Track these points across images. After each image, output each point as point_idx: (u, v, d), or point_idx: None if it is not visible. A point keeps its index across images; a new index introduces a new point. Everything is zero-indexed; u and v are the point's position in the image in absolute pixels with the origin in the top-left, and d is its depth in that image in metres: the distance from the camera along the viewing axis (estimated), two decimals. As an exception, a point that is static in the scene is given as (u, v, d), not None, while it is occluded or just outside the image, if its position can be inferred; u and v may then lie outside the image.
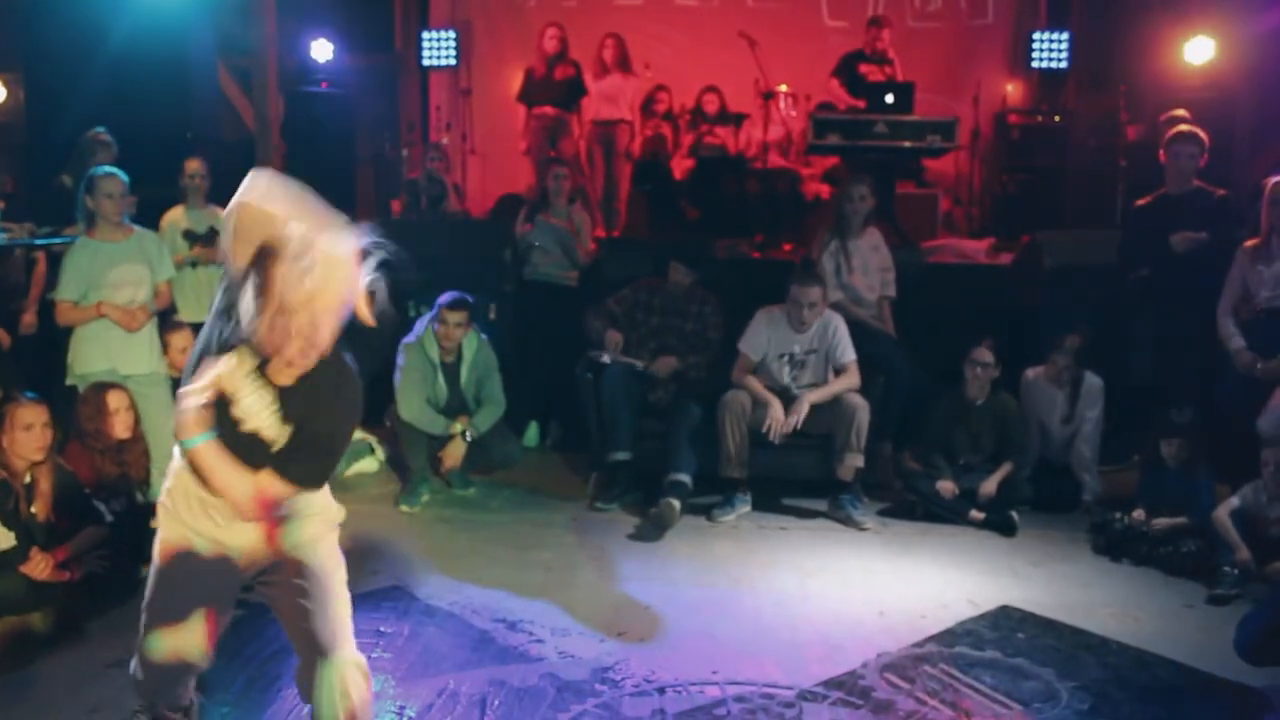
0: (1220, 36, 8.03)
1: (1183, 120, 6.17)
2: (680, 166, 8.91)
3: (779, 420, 5.36)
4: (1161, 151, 5.80)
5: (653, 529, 5.20)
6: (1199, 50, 8.09)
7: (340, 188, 8.68)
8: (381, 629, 4.05)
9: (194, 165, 6.34)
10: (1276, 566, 4.53)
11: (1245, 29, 7.91)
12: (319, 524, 2.85)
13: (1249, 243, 5.20)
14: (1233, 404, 5.24)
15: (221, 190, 6.58)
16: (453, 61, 9.70)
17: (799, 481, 5.70)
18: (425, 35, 9.73)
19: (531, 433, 6.75)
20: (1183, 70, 8.19)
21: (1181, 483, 4.99)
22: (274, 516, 2.67)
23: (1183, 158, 5.64)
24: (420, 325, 5.77)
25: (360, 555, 4.92)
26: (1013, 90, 9.95)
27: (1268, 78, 7.71)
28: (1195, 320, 5.47)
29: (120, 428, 4.72)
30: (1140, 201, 5.98)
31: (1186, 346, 5.64)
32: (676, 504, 5.31)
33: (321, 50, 8.97)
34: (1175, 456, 5.02)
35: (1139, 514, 5.01)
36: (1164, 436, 5.05)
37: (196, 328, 5.57)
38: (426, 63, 9.71)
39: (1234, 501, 4.72)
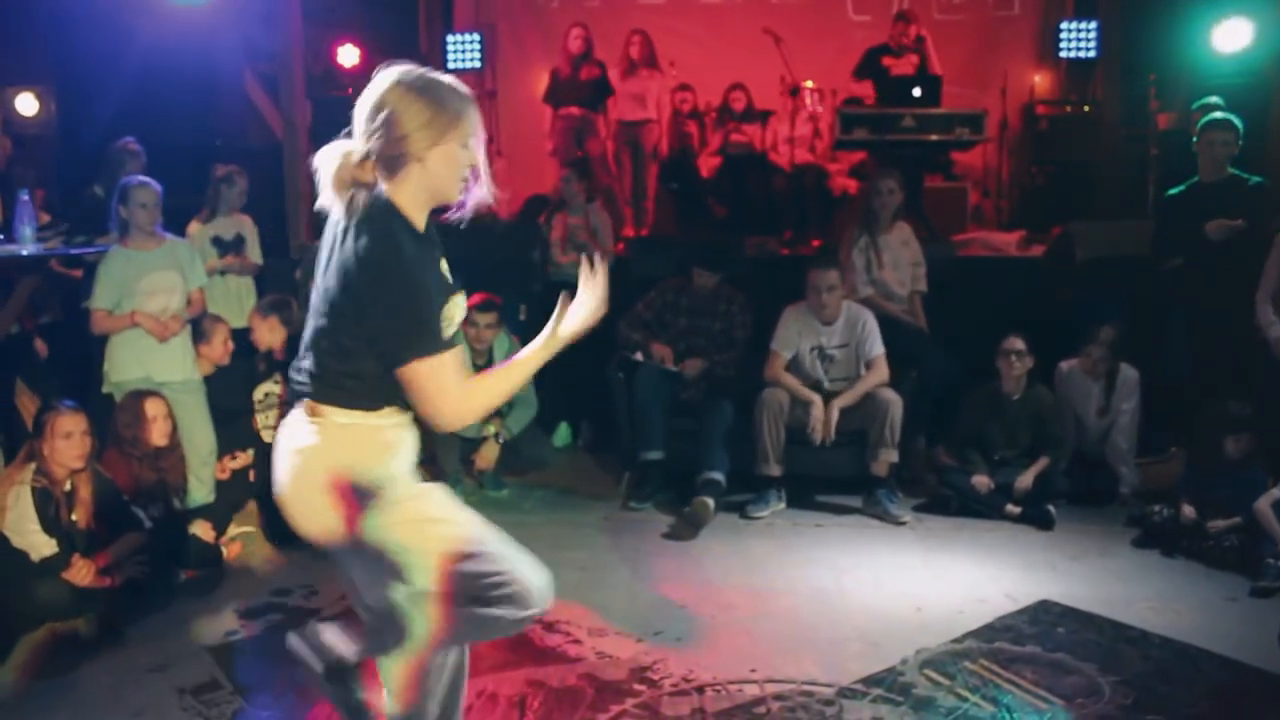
0: (1254, 20, 7.92)
1: (1216, 107, 6.11)
2: (707, 165, 8.89)
3: (821, 420, 5.35)
4: (1194, 139, 5.75)
5: (687, 527, 5.20)
6: (1231, 35, 7.98)
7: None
8: (419, 631, 4.06)
9: (227, 171, 6.39)
10: (1320, 556, 4.48)
11: (1278, 13, 7.80)
12: None
13: (1286, 230, 5.14)
14: (1274, 393, 5.17)
15: (251, 197, 6.65)
16: (478, 64, 9.73)
17: (833, 478, 5.68)
18: (450, 38, 9.77)
19: (563, 433, 6.76)
20: (1214, 56, 8.09)
21: (1233, 478, 4.90)
22: None
23: (1216, 145, 5.58)
24: (451, 327, 5.77)
25: (395, 558, 4.95)
26: (1040, 81, 9.87)
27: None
28: (1231, 309, 5.40)
29: (158, 435, 4.77)
30: (1173, 191, 5.92)
31: (1222, 336, 5.58)
32: (710, 502, 5.30)
33: (348, 55, 9.01)
34: (1241, 451, 4.94)
35: (1189, 511, 4.93)
36: (1230, 432, 4.94)
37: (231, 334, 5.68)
38: (452, 65, 9.72)
39: (1275, 492, 4.66)
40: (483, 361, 5.74)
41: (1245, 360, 5.41)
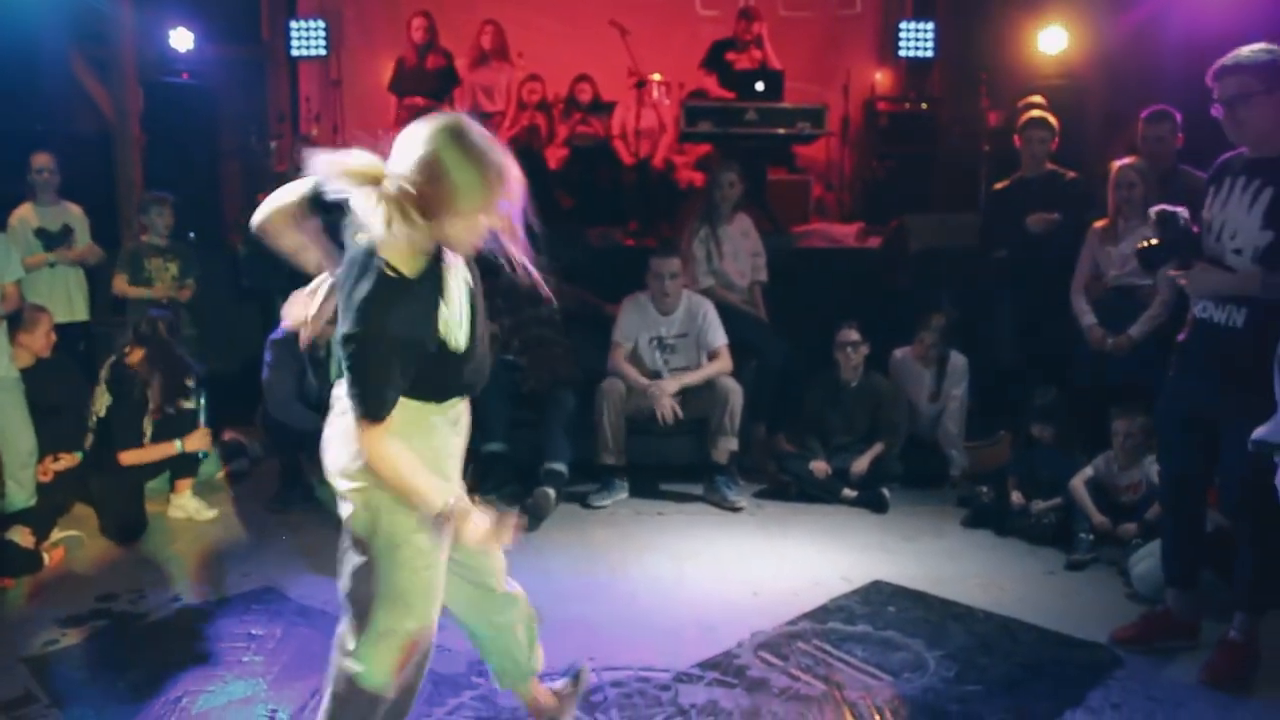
0: (1072, 27, 8.32)
1: (1037, 106, 6.39)
2: (555, 156, 8.88)
3: (663, 398, 5.40)
4: (1016, 137, 6.01)
5: (529, 519, 5.19)
6: (1053, 40, 8.37)
7: (204, 181, 8.47)
8: (253, 631, 3.97)
9: (41, 160, 6.10)
10: (1128, 528, 4.73)
11: (1095, 19, 8.21)
12: None
13: (1098, 223, 5.40)
14: (1086, 378, 5.45)
15: (74, 185, 6.36)
16: (322, 51, 9.48)
17: (675, 466, 5.75)
18: (293, 25, 9.50)
19: (409, 427, 6.65)
20: (1039, 59, 8.47)
21: (1055, 461, 5.15)
22: None
23: (1035, 142, 5.86)
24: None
25: (232, 557, 4.82)
26: (881, 79, 10.16)
27: (1117, 66, 8.02)
28: (1052, 298, 5.65)
29: (-31, 435, 4.54)
30: (998, 185, 6.18)
31: (1044, 324, 5.84)
32: (551, 493, 5.31)
33: (181, 39, 8.67)
34: (1047, 438, 5.18)
35: (1017, 497, 5.13)
36: (1034, 420, 5.20)
37: (58, 328, 5.43)
38: (295, 53, 9.47)
39: (1088, 471, 4.92)
40: (322, 354, 5.61)
41: (1065, 347, 5.68)
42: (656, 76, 8.86)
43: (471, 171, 2.33)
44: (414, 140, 2.35)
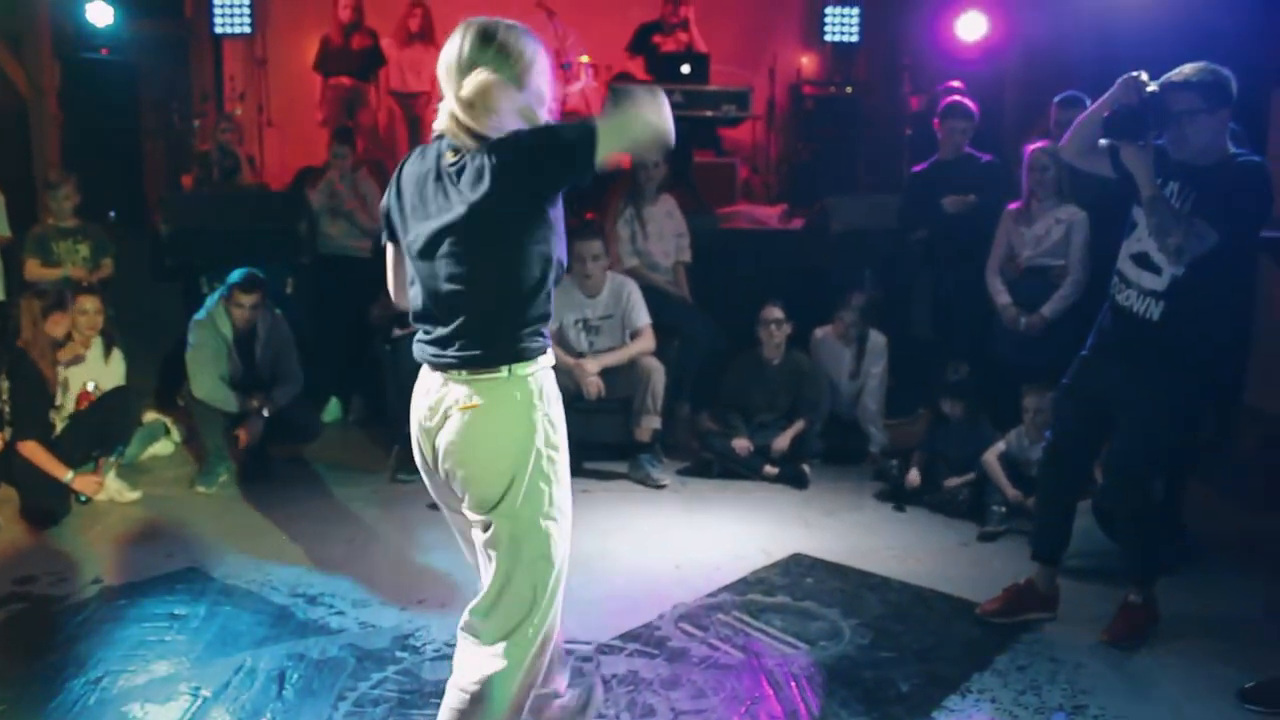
0: (991, 14, 8.50)
1: (955, 91, 6.53)
2: (483, 137, 8.86)
3: (589, 375, 5.46)
4: (935, 121, 6.14)
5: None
6: (972, 26, 8.55)
7: (126, 159, 8.35)
8: (175, 612, 3.97)
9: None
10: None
11: (1014, 7, 8.40)
12: None
13: (1012, 205, 5.55)
14: (1001, 355, 5.61)
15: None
16: (247, 29, 9.34)
17: (599, 444, 5.81)
18: (217, 2, 9.33)
19: (333, 408, 6.66)
20: (958, 45, 8.64)
21: (966, 437, 5.28)
22: None
23: (952, 128, 5.99)
24: (211, 301, 5.61)
25: (155, 539, 4.80)
26: (807, 63, 10.29)
27: (1034, 53, 8.22)
28: (968, 278, 5.79)
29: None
30: (917, 167, 6.32)
31: (961, 303, 5.98)
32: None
33: (99, 14, 8.49)
34: (957, 414, 5.32)
35: (913, 477, 5.26)
36: (945, 396, 5.34)
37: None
38: (219, 30, 9.32)
39: (1000, 446, 5.07)
40: (245, 336, 5.59)
41: (981, 326, 5.83)
42: (584, 58, 8.89)
43: (513, 31, 2.48)
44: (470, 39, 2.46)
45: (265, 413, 5.52)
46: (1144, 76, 3.51)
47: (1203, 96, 3.47)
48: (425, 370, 2.58)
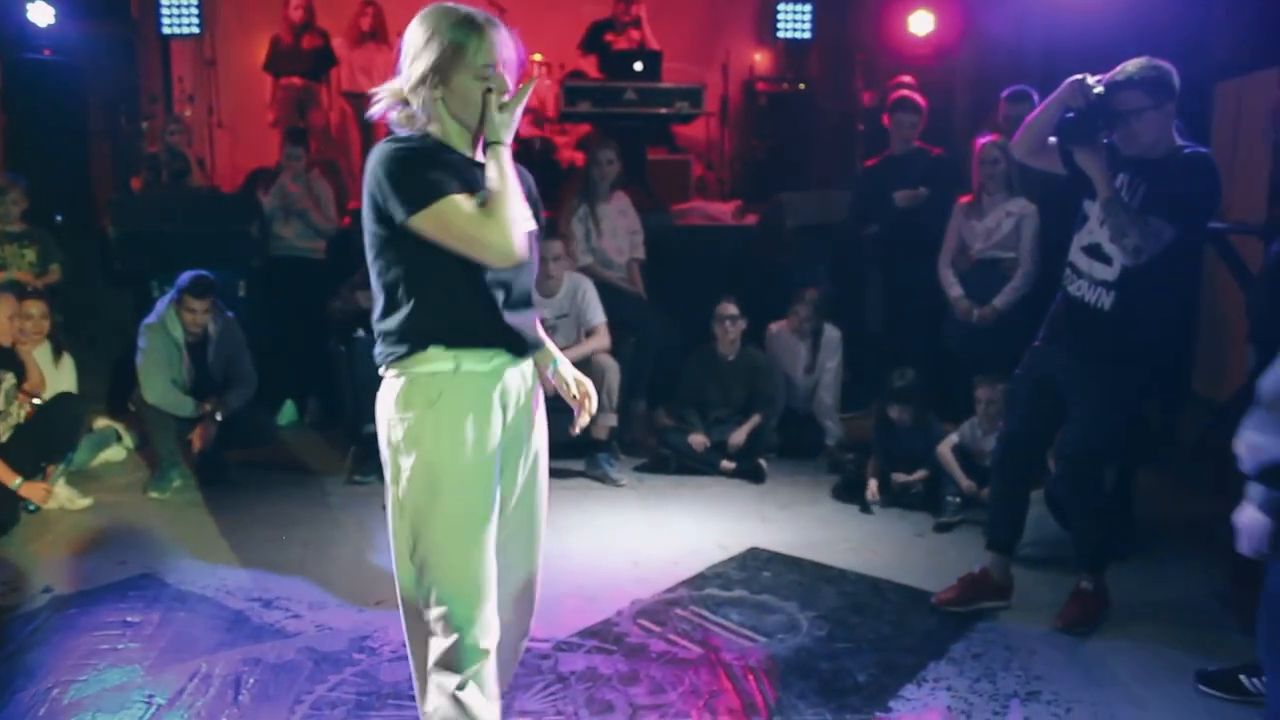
0: (941, 10, 8.58)
1: (906, 87, 6.58)
2: (436, 136, 8.82)
3: (547, 376, 5.44)
4: (885, 116, 6.19)
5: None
6: (921, 22, 8.63)
7: (72, 162, 8.23)
8: (129, 619, 3.92)
9: None
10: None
11: (964, 3, 8.48)
12: None
13: (963, 199, 5.61)
14: (954, 348, 5.66)
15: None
16: (195, 30, 9.21)
17: (557, 443, 5.77)
18: (164, 1, 9.22)
19: (288, 410, 6.61)
20: (910, 40, 8.71)
21: (915, 435, 5.30)
22: None
23: (901, 122, 6.04)
24: (161, 305, 5.55)
25: (108, 546, 4.73)
26: (760, 59, 10.33)
27: (983, 47, 8.31)
28: (920, 271, 5.84)
29: None
30: (868, 162, 6.37)
31: (914, 296, 6.04)
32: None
33: (40, 14, 8.33)
34: (904, 419, 5.29)
35: (872, 489, 5.21)
36: (891, 402, 5.33)
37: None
38: (166, 31, 9.19)
39: (954, 438, 5.12)
40: (196, 339, 5.54)
41: (934, 318, 5.89)
42: (537, 57, 8.87)
43: (458, 18, 2.36)
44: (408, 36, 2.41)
45: (218, 416, 5.47)
46: (1090, 79, 3.55)
47: (1147, 93, 3.53)
48: (505, 357, 2.47)
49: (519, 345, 2.49)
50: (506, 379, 2.47)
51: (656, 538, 4.80)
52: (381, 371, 2.45)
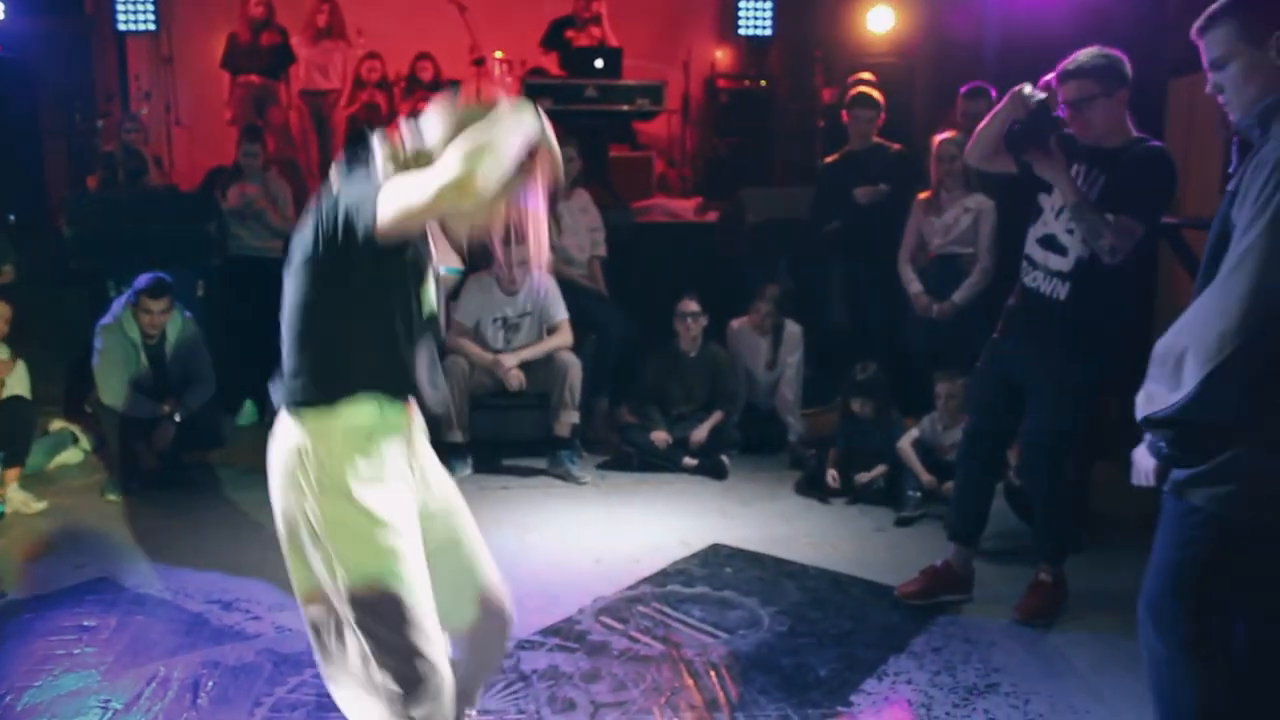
0: (901, 6, 8.63)
1: (864, 83, 6.61)
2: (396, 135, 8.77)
3: (513, 373, 5.45)
4: (844, 112, 6.22)
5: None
6: (880, 19, 8.67)
7: (25, 160, 8.11)
8: (85, 623, 3.88)
9: None
10: (952, 485, 4.97)
11: (920, 0, 8.55)
12: None
13: (922, 195, 5.65)
14: (914, 343, 5.70)
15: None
16: (152, 26, 9.10)
17: (518, 441, 5.80)
18: (120, -3, 9.12)
19: (249, 411, 6.55)
20: (869, 37, 8.76)
21: (876, 431, 5.34)
22: None
23: (859, 118, 6.08)
24: (118, 305, 5.48)
25: (65, 549, 4.67)
26: (722, 56, 10.31)
27: (941, 44, 8.36)
28: (880, 267, 5.88)
29: None
30: (829, 159, 6.40)
31: (874, 292, 6.07)
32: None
33: (-8, 11, 8.22)
34: (866, 413, 5.35)
35: (832, 477, 5.26)
36: (854, 395, 5.37)
37: None
38: (122, 27, 9.07)
39: (914, 432, 5.16)
40: (154, 340, 5.48)
41: (894, 314, 5.92)
42: (498, 54, 8.83)
43: None
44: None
45: (177, 418, 5.42)
46: (1027, 89, 3.62)
47: (1097, 81, 3.57)
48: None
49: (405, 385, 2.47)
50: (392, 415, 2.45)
51: (619, 535, 4.80)
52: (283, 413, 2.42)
